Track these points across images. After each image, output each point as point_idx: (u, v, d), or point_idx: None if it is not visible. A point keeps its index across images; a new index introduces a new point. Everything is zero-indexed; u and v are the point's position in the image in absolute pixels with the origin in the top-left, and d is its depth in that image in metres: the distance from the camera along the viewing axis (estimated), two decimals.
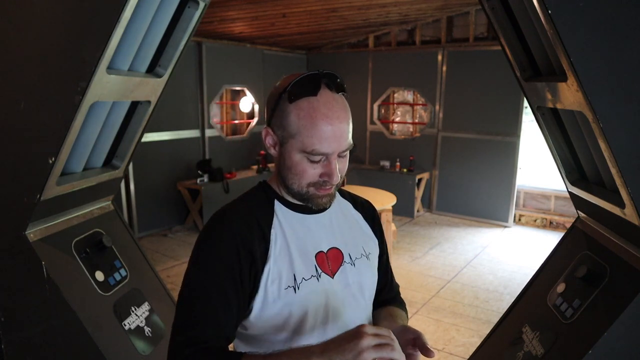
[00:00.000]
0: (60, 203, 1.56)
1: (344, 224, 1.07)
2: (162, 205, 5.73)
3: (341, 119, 0.91)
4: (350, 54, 7.20)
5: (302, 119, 0.89)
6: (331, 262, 0.99)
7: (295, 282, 0.93)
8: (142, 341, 1.64)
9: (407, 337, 0.94)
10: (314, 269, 0.96)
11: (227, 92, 6.72)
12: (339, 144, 0.90)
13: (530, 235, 5.79)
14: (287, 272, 0.93)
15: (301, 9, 5.01)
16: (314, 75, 0.91)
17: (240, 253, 0.91)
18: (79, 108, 1.32)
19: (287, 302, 0.93)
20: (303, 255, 0.96)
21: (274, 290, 0.92)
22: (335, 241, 1.02)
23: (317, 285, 0.96)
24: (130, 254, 1.81)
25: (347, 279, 1.01)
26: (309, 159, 0.91)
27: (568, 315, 1.31)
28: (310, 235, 0.99)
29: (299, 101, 0.89)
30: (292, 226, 0.98)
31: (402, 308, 1.18)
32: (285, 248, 0.95)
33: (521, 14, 1.29)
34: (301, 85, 0.90)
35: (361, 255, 1.05)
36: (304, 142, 0.89)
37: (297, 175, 0.93)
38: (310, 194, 0.95)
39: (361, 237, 1.09)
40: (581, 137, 1.37)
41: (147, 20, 1.43)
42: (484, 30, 6.07)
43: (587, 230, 1.52)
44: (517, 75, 1.48)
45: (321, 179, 0.93)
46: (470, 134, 6.22)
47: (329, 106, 0.89)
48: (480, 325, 3.49)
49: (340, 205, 1.10)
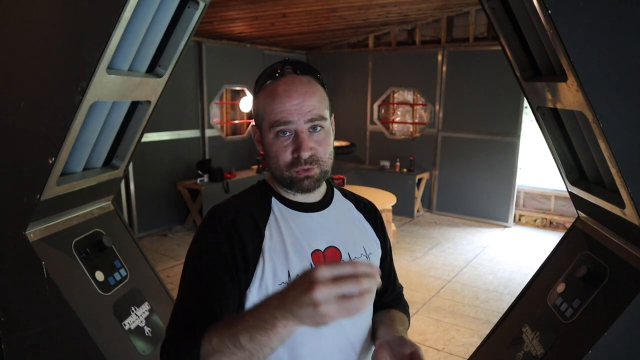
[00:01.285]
0: (60, 203, 1.56)
1: (345, 224, 1.07)
2: (162, 205, 5.73)
3: (300, 92, 0.93)
4: (350, 54, 7.20)
5: (266, 99, 0.95)
6: (328, 260, 0.99)
7: (289, 279, 0.93)
8: (142, 341, 1.64)
9: (404, 351, 0.93)
10: (310, 266, 0.95)
11: (227, 92, 6.72)
12: (301, 113, 0.92)
13: (530, 235, 5.79)
14: (282, 268, 0.93)
15: (301, 9, 5.01)
16: (276, 63, 0.98)
17: (234, 241, 0.92)
18: (79, 108, 1.32)
19: None
20: (299, 252, 0.96)
21: (267, 285, 0.92)
22: (333, 240, 1.02)
23: None
24: (130, 254, 1.81)
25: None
26: (278, 134, 0.93)
27: (568, 315, 1.31)
28: (308, 233, 0.99)
29: (264, 87, 0.97)
30: (288, 223, 0.99)
31: (404, 311, 1.17)
32: (281, 244, 0.95)
33: (521, 14, 1.29)
34: (264, 74, 0.97)
35: (361, 255, 1.05)
36: (269, 118, 0.93)
37: (274, 158, 0.95)
38: (292, 177, 0.95)
39: (362, 237, 1.09)
40: (581, 137, 1.37)
41: (147, 20, 1.43)
42: (484, 30, 6.07)
43: (587, 230, 1.52)
44: (517, 75, 1.48)
45: (294, 156, 0.93)
46: (470, 134, 6.22)
47: (289, 83, 0.94)
48: (480, 325, 3.49)
49: (342, 205, 1.10)
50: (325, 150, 0.96)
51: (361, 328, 1.04)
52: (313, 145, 0.94)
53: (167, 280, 4.19)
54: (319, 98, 0.95)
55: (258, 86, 0.99)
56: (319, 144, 0.95)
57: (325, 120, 0.96)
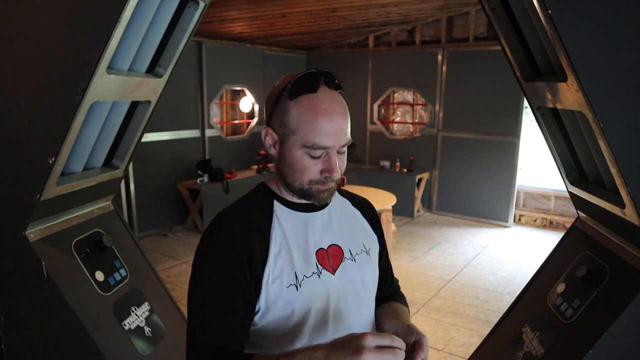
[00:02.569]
0: (60, 203, 1.56)
1: (343, 221, 1.09)
2: (162, 205, 5.73)
3: (340, 114, 0.93)
4: (350, 54, 7.20)
5: (302, 114, 0.91)
6: (332, 258, 1.01)
7: (297, 280, 0.95)
8: (142, 341, 1.64)
9: (410, 339, 0.95)
10: (315, 266, 0.98)
11: (227, 92, 6.72)
12: (339, 138, 0.93)
13: (530, 235, 5.79)
14: (288, 271, 0.95)
15: (301, 9, 5.01)
16: (313, 74, 0.93)
17: (241, 257, 0.93)
18: (79, 108, 1.32)
19: (289, 301, 0.94)
20: (303, 253, 0.98)
21: (275, 289, 0.94)
22: (335, 238, 1.03)
23: (319, 282, 0.97)
24: (130, 254, 1.81)
25: (348, 275, 1.02)
26: (310, 155, 0.93)
27: (568, 315, 1.31)
28: (310, 233, 1.01)
29: (299, 98, 0.92)
30: (291, 225, 1.00)
31: (403, 303, 1.20)
32: (286, 247, 0.97)
33: (521, 14, 1.29)
34: (301, 83, 0.92)
35: (361, 251, 1.07)
36: (305, 137, 0.91)
37: (298, 172, 0.95)
38: (312, 190, 0.96)
39: (361, 233, 1.11)
40: (581, 137, 1.37)
41: (147, 20, 1.43)
42: (484, 30, 6.07)
43: (587, 230, 1.52)
44: (517, 75, 1.48)
45: (322, 175, 0.95)
46: (470, 134, 6.22)
47: (328, 102, 0.92)
48: (480, 325, 3.49)
49: (339, 203, 1.12)
50: (344, 166, 0.99)
51: (364, 322, 1.06)
52: (339, 165, 0.96)
53: (167, 280, 4.20)
54: (348, 118, 0.97)
55: (291, 93, 0.92)
56: (342, 163, 0.98)
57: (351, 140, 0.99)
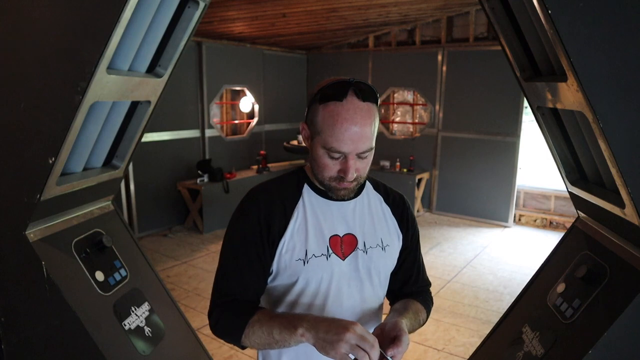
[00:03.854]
0: (60, 203, 1.56)
1: (367, 215, 1.17)
2: (162, 205, 5.73)
3: (361, 124, 1.00)
4: (350, 54, 7.20)
5: (326, 119, 1.01)
6: (345, 246, 1.11)
7: (306, 257, 1.08)
8: (142, 341, 1.64)
9: (392, 334, 0.99)
10: (326, 249, 1.10)
11: (227, 92, 6.73)
12: (356, 146, 1.01)
13: (530, 235, 5.79)
14: (300, 247, 1.09)
15: (301, 9, 5.01)
16: (345, 82, 1.02)
17: (262, 226, 1.09)
18: (79, 108, 1.32)
19: (294, 272, 1.09)
20: (318, 235, 1.11)
21: (286, 259, 1.09)
22: (353, 228, 1.13)
23: (325, 264, 1.09)
24: (130, 254, 1.81)
25: (357, 263, 1.12)
26: (329, 155, 1.03)
27: (568, 315, 1.31)
28: (330, 219, 1.13)
29: (328, 104, 1.02)
30: (314, 209, 1.13)
31: (423, 303, 1.24)
32: (304, 226, 1.11)
33: (521, 14, 1.29)
34: (331, 90, 1.01)
35: (377, 245, 1.15)
36: (326, 140, 1.02)
37: (319, 167, 1.07)
38: (331, 185, 1.08)
39: (383, 229, 1.18)
40: (581, 137, 1.37)
41: (147, 20, 1.43)
42: (484, 30, 6.07)
43: (587, 230, 1.52)
44: (517, 75, 1.48)
45: (338, 175, 1.05)
46: (470, 134, 6.22)
47: (351, 112, 0.99)
48: (480, 325, 3.49)
49: (369, 197, 1.20)
50: (366, 169, 1.08)
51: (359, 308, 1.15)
52: (358, 167, 1.04)
53: (167, 281, 4.19)
54: (372, 128, 1.03)
55: (322, 98, 1.02)
56: (363, 165, 1.05)
57: (373, 147, 1.05)
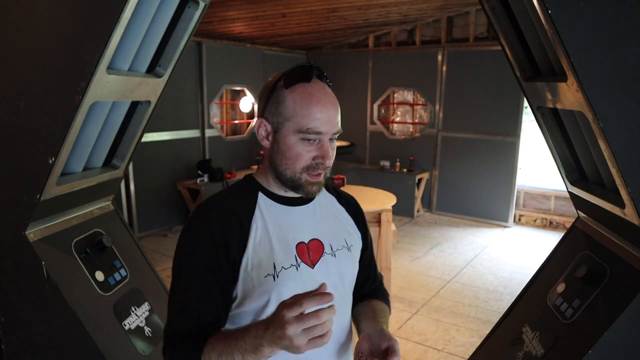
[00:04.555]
0: (60, 203, 1.56)
1: (327, 216, 1.11)
2: (162, 205, 5.73)
3: (332, 104, 0.98)
4: (350, 54, 7.20)
5: (298, 101, 0.96)
6: (312, 252, 1.03)
7: (275, 271, 0.97)
8: (142, 341, 1.64)
9: (382, 344, 0.97)
10: (294, 258, 1.00)
11: (227, 92, 6.72)
12: (331, 126, 0.97)
13: (530, 235, 5.79)
14: (267, 261, 0.97)
15: (301, 9, 5.01)
16: (308, 66, 0.99)
17: (217, 245, 0.95)
18: (79, 108, 1.32)
19: (265, 290, 0.97)
20: (284, 245, 1.00)
21: (253, 277, 0.96)
22: (317, 232, 1.06)
23: (296, 275, 0.99)
24: (130, 254, 1.81)
25: (327, 269, 1.05)
26: (305, 139, 0.96)
27: (568, 315, 1.31)
28: (292, 226, 1.03)
29: (295, 87, 0.96)
30: (274, 217, 1.02)
31: (384, 300, 1.22)
32: (266, 238, 0.99)
33: (521, 14, 1.29)
34: (296, 73, 0.98)
35: (342, 247, 1.09)
36: (300, 123, 0.95)
37: (291, 159, 0.98)
38: (303, 180, 0.99)
39: (344, 229, 1.13)
40: (581, 137, 1.37)
41: (147, 20, 1.43)
42: (484, 30, 6.07)
43: (587, 230, 1.52)
44: (517, 75, 1.48)
45: (314, 162, 0.98)
46: (470, 134, 6.22)
47: (322, 92, 0.98)
48: (480, 325, 3.49)
49: (325, 199, 1.14)
50: (334, 156, 1.03)
51: (342, 319, 1.09)
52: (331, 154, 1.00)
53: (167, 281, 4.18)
54: (338, 109, 1.01)
55: (287, 82, 0.97)
56: (333, 152, 1.01)
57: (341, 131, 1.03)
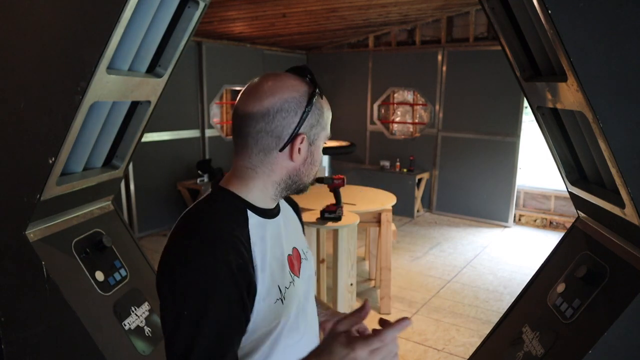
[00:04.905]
0: (60, 203, 1.56)
1: (289, 222, 1.07)
2: (162, 205, 5.73)
3: None
4: (350, 54, 7.20)
5: (325, 110, 0.96)
6: (296, 262, 1.01)
7: (281, 294, 0.91)
8: (142, 341, 1.64)
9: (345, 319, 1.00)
10: (289, 275, 0.96)
11: (227, 92, 6.72)
12: None
13: (530, 235, 5.79)
14: (272, 285, 0.90)
15: (301, 9, 5.01)
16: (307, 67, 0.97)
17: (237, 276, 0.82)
18: (79, 108, 1.32)
19: (276, 316, 0.90)
20: (279, 262, 0.94)
21: (265, 307, 0.88)
22: (293, 240, 1.04)
23: (294, 290, 0.96)
24: (130, 254, 1.81)
25: (306, 274, 1.05)
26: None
27: (568, 315, 1.31)
28: (278, 240, 0.97)
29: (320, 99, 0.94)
30: (266, 236, 0.93)
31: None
32: (266, 260, 0.90)
33: (521, 14, 1.29)
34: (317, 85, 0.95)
35: (307, 248, 1.10)
36: (328, 128, 0.97)
37: (316, 165, 0.98)
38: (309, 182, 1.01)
39: (300, 229, 1.14)
40: (581, 137, 1.37)
41: (147, 20, 1.43)
42: (484, 30, 6.07)
43: (587, 230, 1.52)
44: (517, 75, 1.48)
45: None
46: (470, 134, 6.22)
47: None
48: (480, 325, 3.49)
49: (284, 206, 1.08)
50: None
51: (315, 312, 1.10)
52: None
53: None
54: None
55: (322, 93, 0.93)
56: None
57: None
